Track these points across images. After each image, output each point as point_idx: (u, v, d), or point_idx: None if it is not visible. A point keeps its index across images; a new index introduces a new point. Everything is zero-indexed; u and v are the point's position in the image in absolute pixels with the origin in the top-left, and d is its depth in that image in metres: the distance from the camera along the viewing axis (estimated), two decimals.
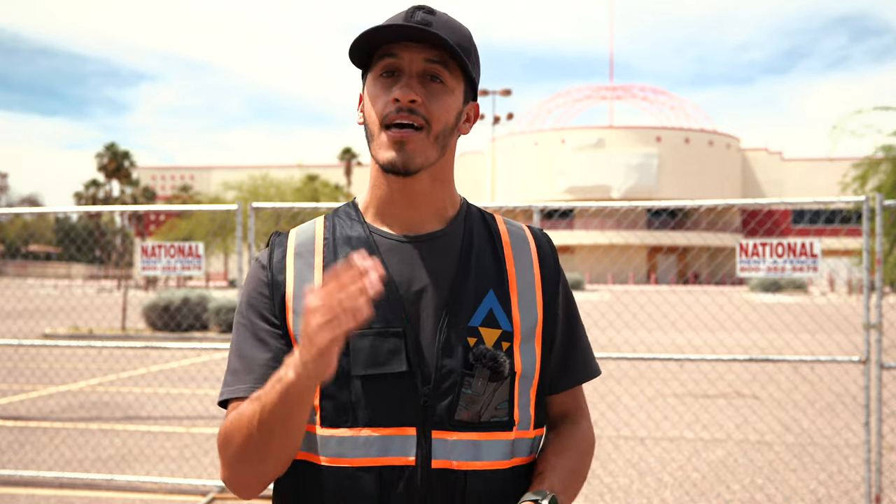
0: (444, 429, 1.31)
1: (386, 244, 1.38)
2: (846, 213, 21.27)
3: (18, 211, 6.58)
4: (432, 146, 1.33)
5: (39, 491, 5.85)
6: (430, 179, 1.38)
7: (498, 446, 1.35)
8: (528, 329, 1.39)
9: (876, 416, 4.99)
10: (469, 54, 1.36)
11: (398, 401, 1.30)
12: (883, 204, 5.06)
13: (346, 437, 1.30)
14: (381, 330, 1.31)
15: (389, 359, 1.30)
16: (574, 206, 5.53)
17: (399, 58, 1.31)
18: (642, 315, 18.28)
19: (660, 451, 7.07)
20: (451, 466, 1.31)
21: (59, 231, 64.72)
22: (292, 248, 1.40)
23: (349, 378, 1.31)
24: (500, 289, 1.38)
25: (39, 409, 9.07)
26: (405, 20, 1.31)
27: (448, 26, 1.34)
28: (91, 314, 21.85)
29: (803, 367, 12.57)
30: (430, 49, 1.31)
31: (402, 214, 1.39)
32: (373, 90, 1.34)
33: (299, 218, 26.32)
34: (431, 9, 1.34)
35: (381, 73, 1.33)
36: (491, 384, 1.33)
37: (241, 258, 5.88)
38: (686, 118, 66.56)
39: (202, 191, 64.39)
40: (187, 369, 12.49)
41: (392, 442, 1.30)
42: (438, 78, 1.33)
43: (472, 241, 1.41)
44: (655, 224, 54.52)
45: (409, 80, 1.31)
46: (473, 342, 1.33)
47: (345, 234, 1.40)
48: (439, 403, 1.31)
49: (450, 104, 1.34)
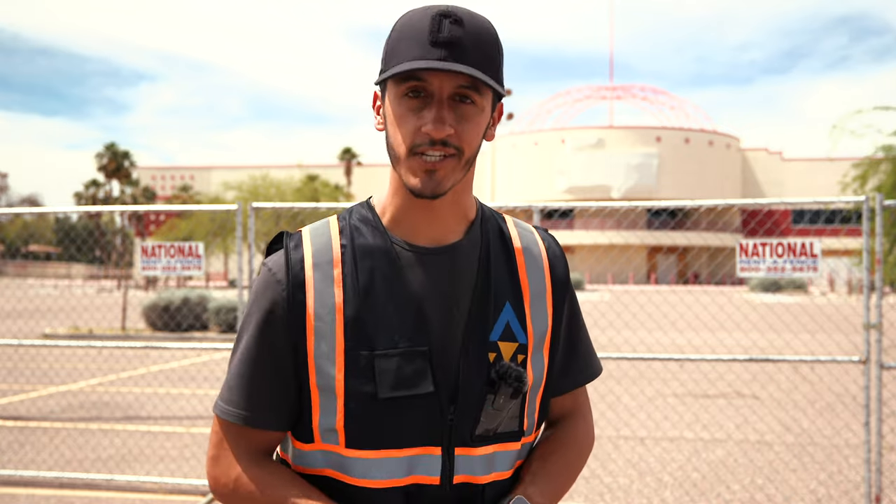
0: (466, 445, 1.30)
1: (408, 257, 1.32)
2: (846, 213, 21.27)
3: (18, 211, 6.58)
4: (462, 169, 1.28)
5: (39, 491, 5.85)
6: (454, 193, 1.33)
7: (509, 456, 1.35)
8: (539, 339, 1.37)
9: (876, 416, 4.99)
10: (498, 63, 1.29)
11: (424, 421, 1.28)
12: (883, 204, 5.06)
13: (373, 459, 1.28)
14: (407, 350, 1.27)
15: (416, 380, 1.27)
16: (574, 206, 5.53)
17: (428, 82, 1.23)
18: (642, 315, 18.29)
19: (660, 451, 7.06)
20: (471, 480, 1.31)
21: (59, 231, 64.71)
22: (310, 259, 1.32)
23: (374, 400, 1.27)
24: (515, 300, 1.36)
25: (39, 409, 9.07)
26: (431, 35, 1.22)
27: (477, 39, 1.25)
28: (91, 314, 21.84)
29: (803, 367, 12.57)
30: (461, 75, 1.23)
31: (426, 226, 1.34)
32: (398, 109, 1.26)
33: (299, 218, 26.34)
34: (458, 17, 1.24)
35: (407, 92, 1.25)
36: (512, 400, 1.31)
37: (241, 258, 5.88)
38: (686, 118, 66.57)
39: (202, 191, 64.38)
40: (187, 369, 12.49)
41: (418, 461, 1.29)
42: (469, 99, 1.25)
43: (490, 250, 1.38)
44: (655, 224, 54.52)
45: (440, 109, 1.23)
46: (493, 357, 1.31)
47: (365, 244, 1.33)
48: (463, 422, 1.30)
49: (481, 125, 1.28)
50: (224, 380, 1.38)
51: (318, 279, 1.30)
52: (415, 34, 1.24)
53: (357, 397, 1.27)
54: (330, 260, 1.32)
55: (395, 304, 1.29)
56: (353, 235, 1.34)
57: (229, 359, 1.38)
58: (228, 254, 46.11)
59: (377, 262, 1.31)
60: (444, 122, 1.23)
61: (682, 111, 67.63)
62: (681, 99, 69.07)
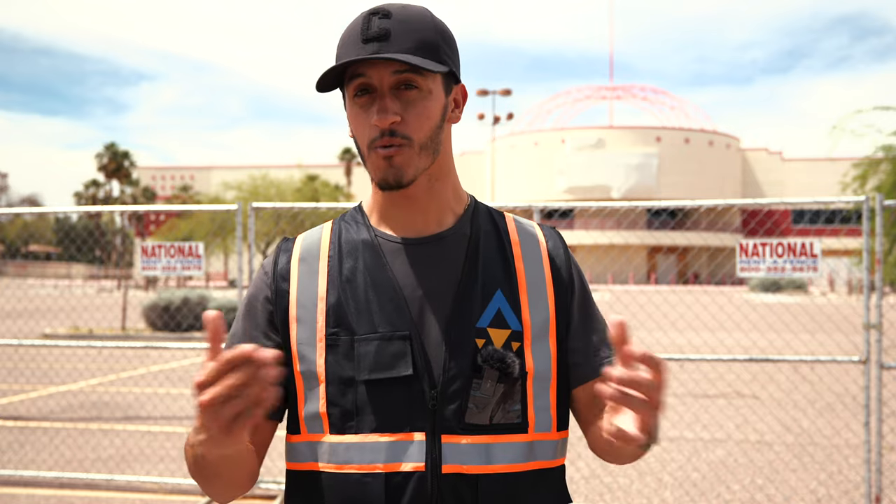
0: (454, 433, 1.29)
1: (390, 247, 1.36)
2: (846, 213, 21.26)
3: (18, 211, 6.58)
4: (420, 155, 1.30)
5: (39, 491, 5.85)
6: (428, 180, 1.36)
7: (511, 449, 1.32)
8: (540, 327, 1.36)
9: (876, 416, 4.99)
10: (437, 47, 1.31)
11: (405, 405, 1.28)
12: (883, 204, 5.06)
13: (354, 443, 1.29)
14: (387, 334, 1.30)
15: (394, 362, 1.29)
16: (574, 206, 5.53)
17: (368, 77, 1.28)
18: (642, 315, 18.28)
19: (660, 451, 7.06)
20: (462, 471, 1.29)
21: (59, 231, 64.68)
22: (297, 254, 1.39)
23: (354, 384, 1.29)
24: (508, 288, 1.36)
25: (39, 409, 9.08)
26: (362, 34, 1.27)
27: (408, 27, 1.28)
28: (91, 314, 21.85)
29: (803, 367, 12.56)
30: (392, 62, 1.27)
31: (405, 218, 1.38)
32: (352, 111, 1.32)
33: (299, 218, 26.34)
34: (387, 11, 1.29)
35: (356, 92, 1.30)
36: (500, 385, 1.31)
37: (241, 258, 5.88)
38: (686, 118, 66.59)
39: (202, 191, 64.41)
40: (187, 369, 12.49)
41: (401, 447, 1.28)
42: (413, 84, 1.29)
43: (479, 240, 1.39)
44: (655, 224, 54.54)
45: (383, 100, 1.28)
46: (482, 343, 1.31)
47: (350, 238, 1.39)
48: (448, 407, 1.29)
49: (429, 108, 1.31)
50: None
51: (302, 271, 1.37)
52: (349, 37, 1.30)
53: (338, 381, 1.29)
54: (317, 255, 1.38)
55: (376, 291, 1.32)
56: (342, 232, 1.41)
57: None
58: (228, 254, 46.13)
59: (361, 253, 1.36)
60: (388, 110, 1.27)
61: (682, 111, 67.66)
62: (681, 99, 69.15)
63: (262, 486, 5.78)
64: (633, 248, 57.34)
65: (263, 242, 39.84)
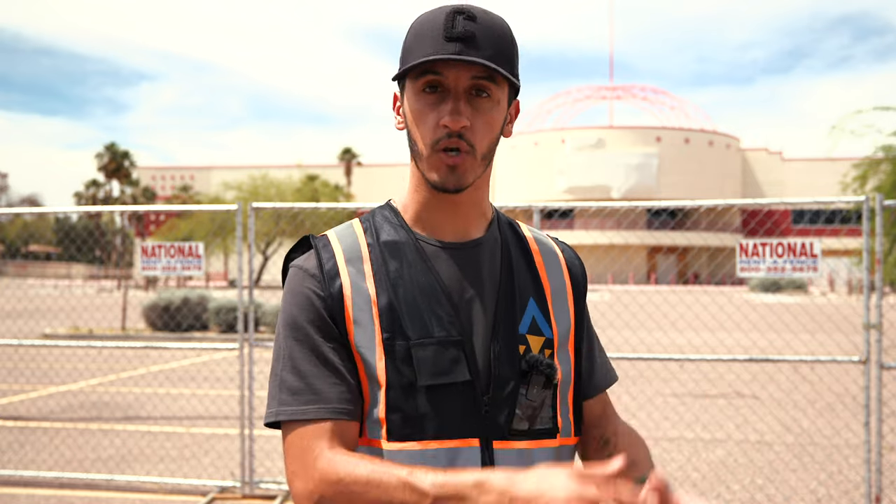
0: (504, 438, 1.31)
1: (432, 250, 1.35)
2: (846, 213, 21.28)
3: (18, 211, 6.58)
4: (480, 164, 1.31)
5: (39, 491, 5.85)
6: (474, 190, 1.37)
7: (545, 453, 1.34)
8: (563, 336, 1.40)
9: (876, 416, 4.99)
10: (513, 57, 1.32)
11: (461, 411, 1.29)
12: (883, 204, 5.06)
13: (415, 450, 1.27)
14: (443, 339, 1.29)
15: (452, 368, 1.28)
16: (574, 206, 5.54)
17: (444, 76, 1.26)
18: (642, 315, 18.28)
19: (660, 451, 7.06)
20: None
21: (59, 231, 64.64)
22: (341, 254, 1.34)
23: (414, 389, 1.28)
24: (538, 296, 1.39)
25: (39, 409, 9.08)
26: (446, 31, 1.25)
27: (491, 33, 1.27)
28: (91, 314, 21.84)
29: (803, 367, 12.56)
30: (476, 65, 1.26)
31: (448, 222, 1.37)
32: (416, 105, 1.29)
33: (299, 218, 26.35)
34: (472, 13, 1.27)
35: (425, 87, 1.28)
36: (544, 391, 1.33)
37: (241, 258, 5.88)
38: (686, 118, 66.59)
39: (202, 191, 64.39)
40: (187, 369, 12.49)
41: (458, 454, 1.28)
42: (485, 92, 1.28)
43: (510, 247, 1.41)
44: (655, 224, 54.51)
45: (458, 102, 1.26)
46: (523, 349, 1.33)
47: (390, 241, 1.36)
48: (498, 413, 1.30)
49: (495, 118, 1.31)
50: (270, 391, 1.32)
51: (352, 273, 1.33)
52: (430, 31, 1.27)
53: (398, 386, 1.28)
54: (360, 257, 1.34)
55: (424, 295, 1.31)
56: (378, 234, 1.37)
57: (272, 366, 1.34)
58: (228, 254, 46.13)
59: (404, 256, 1.34)
60: (461, 113, 1.26)
61: (682, 111, 67.66)
62: (681, 99, 69.15)
63: (263, 486, 5.78)
64: (633, 248, 57.32)
65: (263, 242, 39.83)
